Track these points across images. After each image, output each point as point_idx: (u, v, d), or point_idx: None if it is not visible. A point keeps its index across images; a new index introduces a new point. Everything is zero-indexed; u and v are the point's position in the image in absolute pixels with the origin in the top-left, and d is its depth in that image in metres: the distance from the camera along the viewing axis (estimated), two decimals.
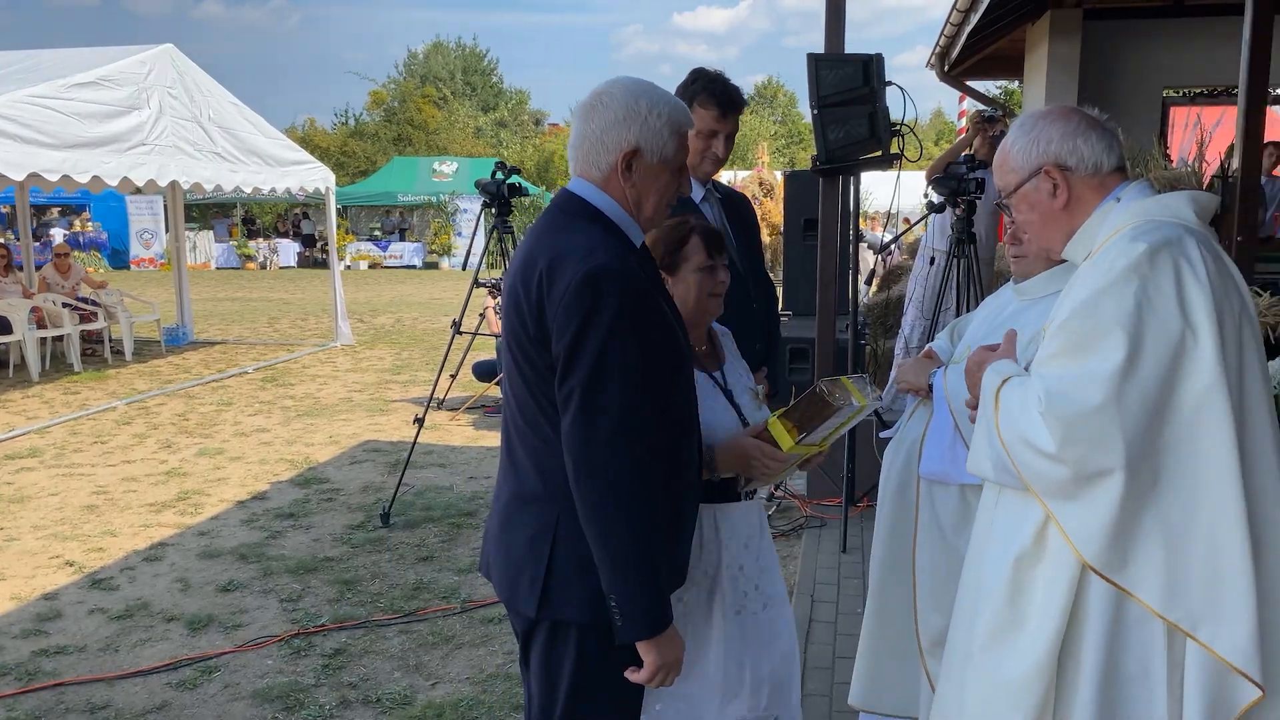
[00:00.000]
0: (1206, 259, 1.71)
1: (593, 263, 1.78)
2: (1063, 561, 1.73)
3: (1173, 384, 1.65)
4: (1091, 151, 1.87)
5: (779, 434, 2.17)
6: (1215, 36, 9.38)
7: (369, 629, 4.16)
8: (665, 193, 1.97)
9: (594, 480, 1.78)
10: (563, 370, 1.80)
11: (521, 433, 1.96)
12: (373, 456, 7.10)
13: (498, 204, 5.42)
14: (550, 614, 1.92)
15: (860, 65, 4.78)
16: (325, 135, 41.18)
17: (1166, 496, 1.67)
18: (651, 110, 1.89)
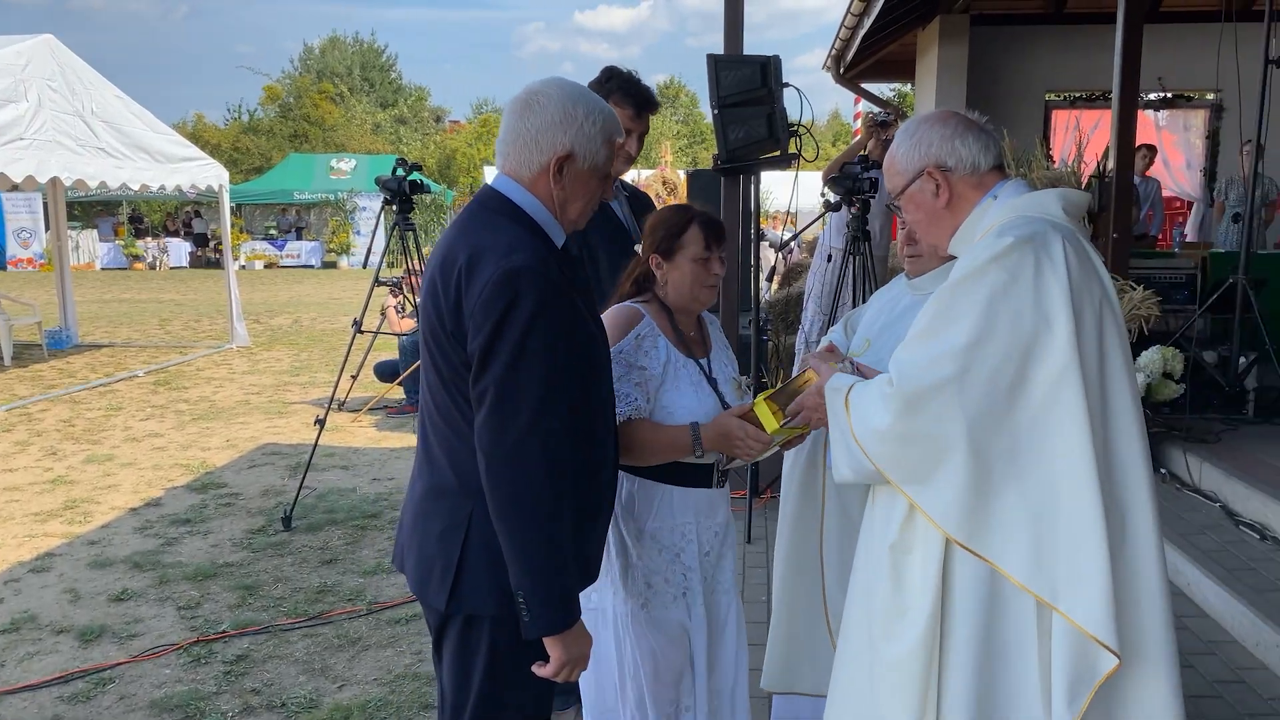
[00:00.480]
0: (1069, 252, 1.82)
1: (512, 261, 1.79)
2: (931, 542, 1.84)
3: (1025, 367, 1.76)
4: (969, 152, 1.98)
5: (764, 416, 2.20)
6: (1092, 43, 9.83)
7: (272, 634, 4.08)
8: (592, 198, 1.99)
9: (504, 478, 1.80)
10: (478, 367, 1.80)
11: (437, 427, 1.97)
12: (272, 460, 6.95)
13: (399, 201, 5.36)
14: (462, 607, 1.93)
15: (758, 67, 4.88)
16: (216, 131, 39.86)
17: (1026, 472, 1.77)
18: (588, 117, 1.91)
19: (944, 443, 1.77)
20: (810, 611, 2.70)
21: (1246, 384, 5.64)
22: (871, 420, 1.85)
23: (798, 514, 2.71)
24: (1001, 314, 1.77)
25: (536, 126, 1.90)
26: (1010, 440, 1.77)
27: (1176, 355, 5.15)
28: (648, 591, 2.35)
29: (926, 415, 1.77)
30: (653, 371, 2.31)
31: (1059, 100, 10.88)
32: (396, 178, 5.35)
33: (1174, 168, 11.23)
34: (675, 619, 2.37)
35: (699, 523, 2.40)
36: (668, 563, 2.36)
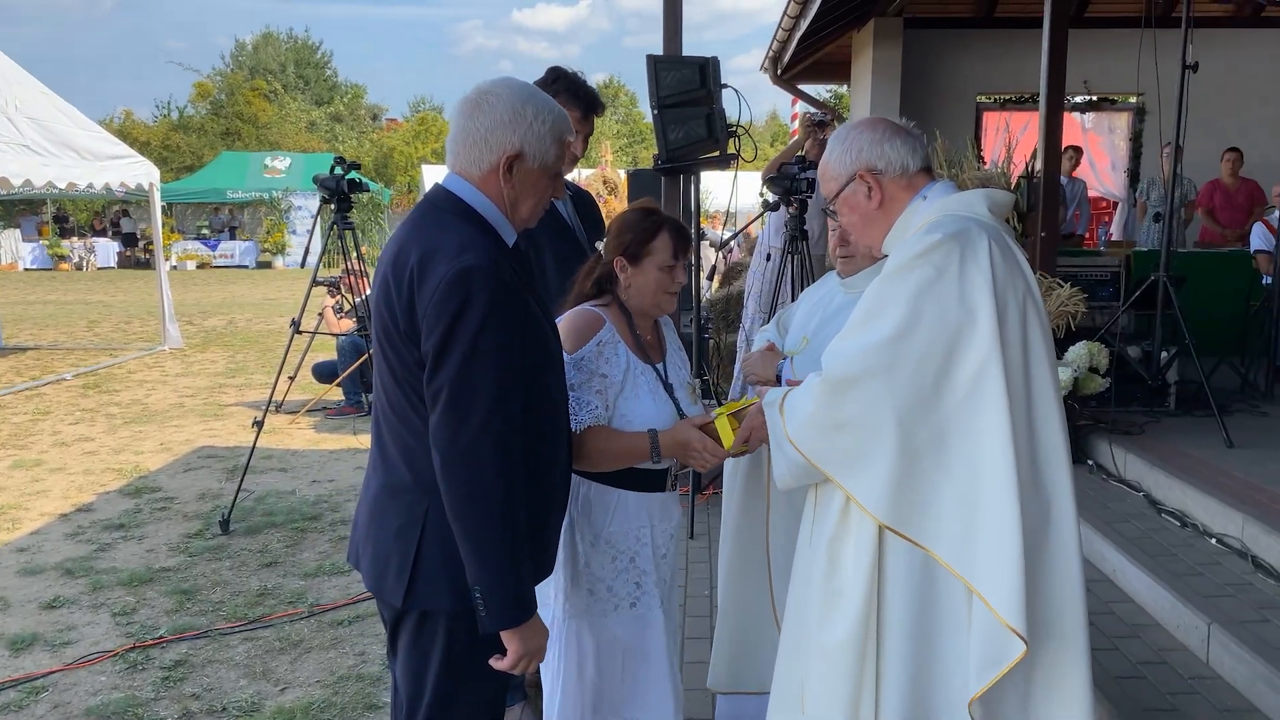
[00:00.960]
0: (993, 249, 1.90)
1: (464, 261, 1.80)
2: (864, 531, 1.90)
3: (950, 358, 1.83)
4: (898, 155, 2.06)
5: (724, 432, 2.26)
6: (1021, 47, 10.07)
7: (211, 638, 4.02)
8: (542, 197, 2.01)
9: (460, 476, 1.82)
10: (432, 367, 1.82)
11: (391, 425, 1.97)
12: (208, 463, 6.83)
13: (337, 200, 5.31)
14: (417, 603, 1.95)
15: (697, 67, 4.93)
16: (145, 128, 38.89)
17: (952, 460, 1.85)
18: (537, 116, 1.92)
19: (873, 429, 1.84)
20: (757, 611, 2.75)
21: (1168, 378, 5.84)
22: (801, 411, 1.93)
23: (742, 515, 2.76)
24: (928, 307, 1.84)
25: (486, 126, 1.92)
26: (937, 428, 1.84)
27: (1102, 350, 5.32)
28: (589, 599, 2.37)
29: (855, 401, 1.85)
30: (613, 379, 2.33)
31: (990, 102, 11.12)
32: (335, 176, 5.30)
33: (1099, 169, 11.56)
34: (611, 631, 2.38)
35: (654, 526, 2.43)
36: (620, 570, 2.38)
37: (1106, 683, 3.16)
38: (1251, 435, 5.23)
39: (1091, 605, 2.06)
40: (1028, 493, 1.87)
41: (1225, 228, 9.04)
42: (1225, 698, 3.10)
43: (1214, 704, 3.07)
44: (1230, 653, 3.18)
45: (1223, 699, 3.10)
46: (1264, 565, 3.72)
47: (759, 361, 2.65)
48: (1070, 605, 1.92)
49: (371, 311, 2.01)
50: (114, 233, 29.42)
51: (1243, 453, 4.89)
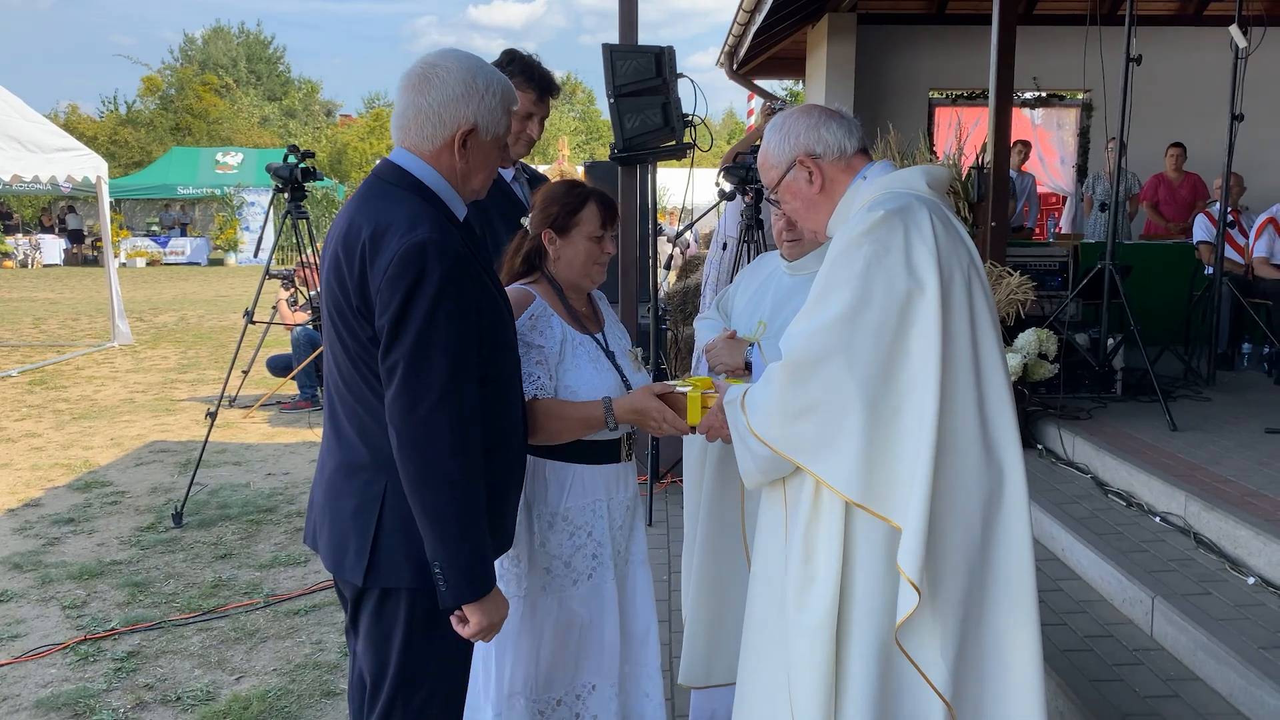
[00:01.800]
0: (935, 222, 1.95)
1: (417, 235, 1.80)
2: (834, 513, 1.93)
3: (903, 330, 1.87)
4: (835, 138, 2.11)
5: (693, 409, 2.27)
6: (972, 44, 10.20)
7: (165, 630, 3.98)
8: (493, 167, 2.02)
9: (416, 451, 1.82)
10: (387, 342, 1.81)
11: (345, 403, 1.97)
12: (160, 457, 6.74)
13: (291, 189, 5.27)
14: (378, 581, 1.95)
15: (653, 57, 4.96)
16: (92, 123, 38.10)
17: (907, 429, 1.88)
18: (488, 89, 1.92)
19: (839, 409, 1.86)
20: (733, 602, 2.74)
21: (1115, 364, 5.98)
22: (763, 403, 1.94)
23: (715, 505, 2.74)
24: (877, 279, 1.87)
25: (438, 101, 1.91)
26: (895, 400, 1.88)
27: (1051, 337, 5.43)
28: (546, 578, 2.38)
29: (818, 383, 1.86)
30: (550, 349, 2.34)
31: (942, 98, 11.28)
32: (288, 165, 5.26)
33: (1049, 164, 11.76)
34: (568, 606, 2.39)
35: (610, 497, 2.44)
36: (577, 546, 2.39)
37: (1055, 656, 3.24)
38: (1194, 419, 5.37)
39: (1041, 583, 2.10)
40: (979, 463, 1.92)
41: (1169, 221, 9.25)
42: (1168, 667, 3.19)
43: (1157, 674, 3.16)
44: (1173, 624, 3.28)
45: (1166, 669, 3.19)
46: (1205, 541, 3.83)
47: (725, 350, 2.65)
48: (1020, 573, 1.96)
49: (322, 288, 2.00)
50: (61, 229, 28.80)
51: (1185, 435, 5.02)
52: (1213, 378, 6.43)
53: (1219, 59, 10.13)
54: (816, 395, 1.87)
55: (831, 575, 1.93)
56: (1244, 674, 2.90)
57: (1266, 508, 3.83)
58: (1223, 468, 4.41)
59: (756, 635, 2.18)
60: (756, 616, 2.18)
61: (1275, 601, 3.35)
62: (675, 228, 15.48)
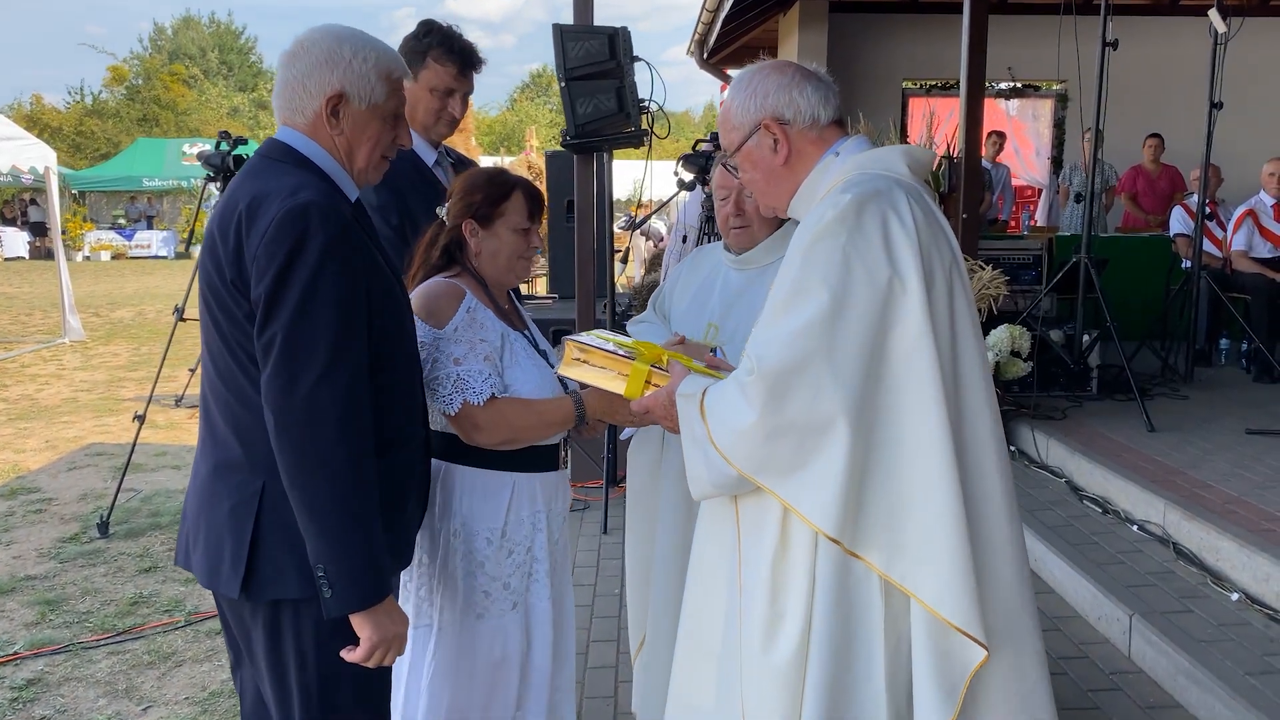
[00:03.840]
0: (915, 210, 1.69)
1: (299, 199, 1.66)
2: (803, 545, 1.67)
3: (884, 331, 1.61)
4: (808, 103, 1.82)
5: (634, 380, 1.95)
6: (946, 33, 9.99)
7: (73, 653, 3.68)
8: (378, 142, 1.84)
9: (295, 435, 1.62)
10: (264, 314, 1.64)
11: (220, 396, 1.77)
12: (95, 461, 6.41)
13: (224, 178, 4.97)
14: (262, 593, 1.73)
15: (606, 38, 4.69)
16: (56, 114, 37.34)
17: (889, 448, 1.62)
18: (356, 55, 1.79)
19: (820, 428, 1.59)
20: None
21: (1090, 361, 5.77)
22: (734, 420, 1.65)
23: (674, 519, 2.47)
24: (856, 273, 1.61)
25: (303, 70, 1.78)
26: (873, 413, 1.62)
27: (1024, 333, 5.21)
28: (485, 602, 2.15)
29: (798, 399, 1.59)
30: (493, 344, 2.14)
31: (915, 88, 11.08)
32: (220, 152, 4.96)
33: (1024, 156, 11.59)
34: (506, 634, 2.17)
35: (550, 509, 2.25)
36: (516, 564, 2.17)
37: None
38: (1172, 419, 5.17)
39: None
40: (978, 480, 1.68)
41: (1147, 213, 9.08)
42: (1148, 693, 2.97)
43: (1136, 700, 2.93)
44: (1152, 645, 3.05)
45: (1145, 694, 2.96)
46: (1185, 553, 3.61)
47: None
48: (1017, 607, 1.71)
49: (197, 273, 1.80)
50: (23, 222, 28.20)
51: (1164, 436, 4.82)
52: (1191, 375, 6.23)
53: (1196, 49, 9.95)
54: (795, 413, 1.60)
55: (801, 611, 1.67)
56: (1229, 703, 2.67)
57: (1249, 517, 3.62)
58: (1203, 472, 4.20)
59: (693, 673, 1.92)
60: (694, 652, 1.92)
61: (1260, 621, 3.13)
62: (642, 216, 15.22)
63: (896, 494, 1.63)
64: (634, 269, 12.57)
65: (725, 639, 1.84)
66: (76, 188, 29.41)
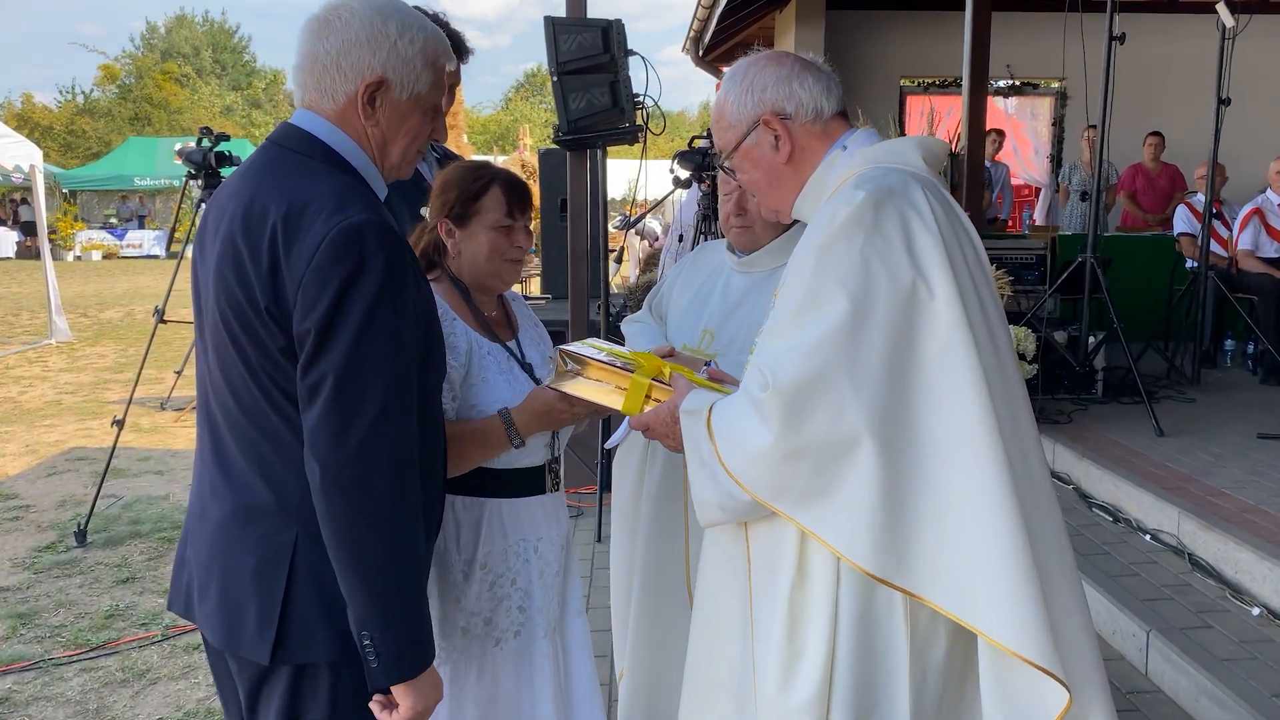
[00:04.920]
0: (935, 206, 1.55)
1: (350, 217, 1.44)
2: (825, 576, 1.53)
3: (912, 339, 1.47)
4: (810, 95, 1.68)
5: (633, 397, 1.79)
6: (945, 30, 9.87)
7: (43, 670, 3.53)
8: (416, 137, 1.64)
9: (346, 487, 1.44)
10: (312, 351, 1.44)
11: (242, 434, 1.56)
12: (77, 466, 6.25)
13: (204, 175, 4.82)
14: (290, 657, 1.54)
15: (600, 31, 4.56)
16: (47, 113, 37.11)
17: (927, 466, 1.46)
18: (403, 35, 1.56)
19: (843, 448, 1.44)
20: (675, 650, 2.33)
21: (1095, 364, 5.64)
22: (747, 441, 1.49)
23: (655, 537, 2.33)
24: (877, 275, 1.46)
25: (338, 46, 1.54)
26: (907, 430, 1.46)
27: (1029, 335, 5.08)
28: (464, 639, 2.00)
29: (817, 416, 1.44)
30: (455, 365, 1.95)
31: (913, 86, 10.95)
32: (201, 149, 4.81)
33: (1023, 155, 11.47)
34: (491, 671, 2.02)
35: (538, 537, 2.05)
36: (499, 598, 2.01)
37: None
38: (1180, 423, 5.04)
39: None
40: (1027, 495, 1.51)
41: (1147, 212, 8.96)
42: (1167, 713, 2.83)
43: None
44: (1171, 663, 2.92)
45: (1164, 715, 2.83)
46: (1202, 564, 3.48)
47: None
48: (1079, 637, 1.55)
49: (207, 288, 1.57)
50: (14, 221, 27.97)
51: (1173, 441, 4.68)
52: (1197, 377, 6.10)
53: (1196, 46, 9.90)
54: (814, 433, 1.45)
55: (823, 648, 1.53)
56: None
57: (1268, 526, 3.49)
58: (1216, 478, 4.06)
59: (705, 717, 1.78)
60: (704, 692, 1.77)
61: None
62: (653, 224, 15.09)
63: (943, 516, 1.46)
64: (629, 268, 12.44)
65: (740, 679, 1.69)
66: (67, 187, 29.22)
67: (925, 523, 1.46)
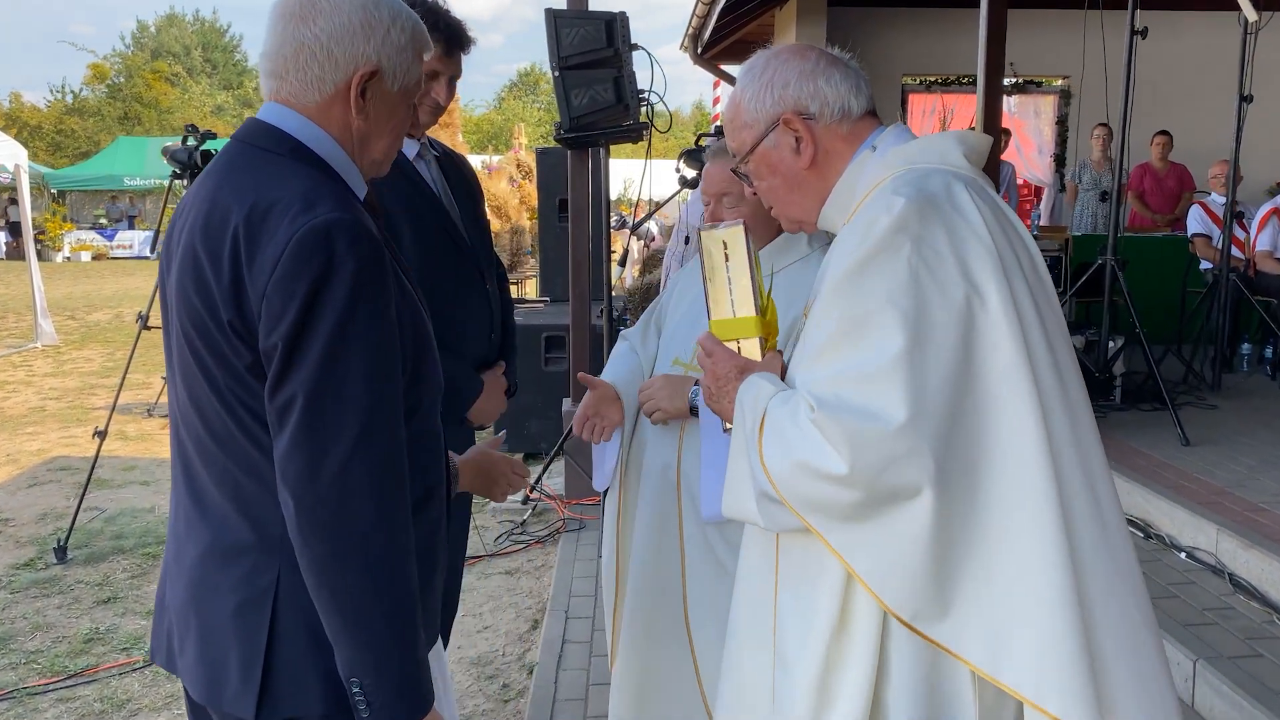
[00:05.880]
0: (982, 208, 1.37)
1: (317, 215, 1.30)
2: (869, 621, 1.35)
3: (969, 363, 1.29)
4: (837, 94, 1.50)
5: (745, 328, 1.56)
6: (949, 28, 9.73)
7: (16, 699, 3.32)
8: (400, 131, 1.50)
9: (323, 523, 1.29)
10: (280, 369, 1.29)
11: (213, 461, 1.40)
12: (60, 477, 6.03)
13: (190, 174, 4.62)
14: (277, 711, 1.37)
15: (603, 24, 4.37)
16: (36, 112, 36.76)
17: (983, 512, 1.30)
18: (395, 21, 1.42)
19: (898, 491, 1.28)
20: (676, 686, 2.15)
21: (1114, 370, 5.46)
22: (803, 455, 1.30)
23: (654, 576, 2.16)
24: (930, 295, 1.29)
25: (327, 33, 1.38)
26: (970, 473, 1.30)
27: None
28: None
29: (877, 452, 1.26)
30: None
31: (916, 84, 10.80)
32: (187, 148, 4.63)
33: (1026, 154, 11.31)
34: None
35: None
36: None
37: None
38: (1204, 431, 4.85)
39: None
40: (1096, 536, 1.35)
41: (1155, 212, 8.80)
42: None
43: None
44: (1222, 696, 2.73)
45: None
46: (1243, 585, 3.29)
47: (665, 390, 2.07)
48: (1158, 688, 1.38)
49: (169, 298, 1.42)
50: (4, 222, 27.68)
51: (1200, 451, 4.50)
52: (1218, 382, 5.92)
53: (1206, 43, 9.74)
54: (869, 469, 1.30)
55: (860, 700, 1.35)
56: None
57: None
58: (1250, 492, 3.88)
59: None
60: None
61: None
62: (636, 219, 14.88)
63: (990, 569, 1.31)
64: (628, 269, 12.24)
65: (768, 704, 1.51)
66: (56, 187, 28.96)
67: (971, 575, 1.31)
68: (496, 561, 4.58)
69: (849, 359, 1.31)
